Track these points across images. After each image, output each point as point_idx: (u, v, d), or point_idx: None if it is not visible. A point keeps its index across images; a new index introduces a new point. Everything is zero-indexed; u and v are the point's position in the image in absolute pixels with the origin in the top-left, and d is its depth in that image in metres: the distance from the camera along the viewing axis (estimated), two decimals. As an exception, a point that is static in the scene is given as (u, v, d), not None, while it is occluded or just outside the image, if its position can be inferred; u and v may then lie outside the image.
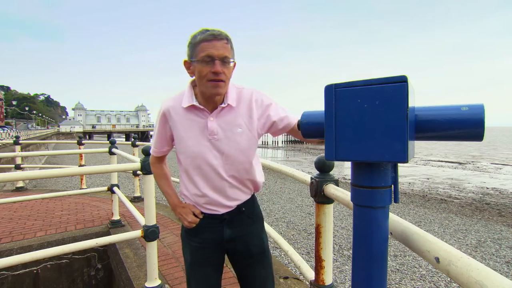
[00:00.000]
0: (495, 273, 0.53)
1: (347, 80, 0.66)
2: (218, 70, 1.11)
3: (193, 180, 1.26)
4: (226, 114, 1.20)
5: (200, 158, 1.21)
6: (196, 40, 1.13)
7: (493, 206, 9.50)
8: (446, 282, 4.02)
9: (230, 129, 1.20)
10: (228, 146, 1.20)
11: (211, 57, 1.11)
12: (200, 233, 1.30)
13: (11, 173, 2.28)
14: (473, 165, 21.29)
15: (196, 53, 1.14)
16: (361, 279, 0.69)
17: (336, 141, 0.66)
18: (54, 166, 8.47)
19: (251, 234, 1.33)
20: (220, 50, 1.11)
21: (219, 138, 1.20)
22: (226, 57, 1.13)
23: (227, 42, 1.14)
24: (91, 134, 79.91)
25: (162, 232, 3.58)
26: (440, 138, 0.62)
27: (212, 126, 1.19)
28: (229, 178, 1.24)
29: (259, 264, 1.34)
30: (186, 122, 1.22)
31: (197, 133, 1.21)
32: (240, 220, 1.31)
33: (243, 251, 1.32)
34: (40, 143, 23.03)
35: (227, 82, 1.16)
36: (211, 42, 1.11)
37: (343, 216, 6.91)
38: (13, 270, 2.99)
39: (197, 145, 1.21)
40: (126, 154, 3.10)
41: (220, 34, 1.12)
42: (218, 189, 1.25)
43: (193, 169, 1.24)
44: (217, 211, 1.27)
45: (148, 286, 2.23)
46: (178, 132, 1.24)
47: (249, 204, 1.34)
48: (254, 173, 1.30)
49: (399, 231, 0.78)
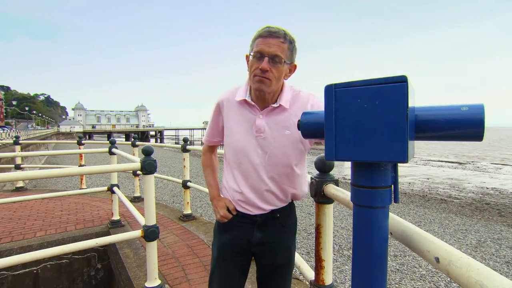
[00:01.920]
0: (495, 273, 0.53)
1: (347, 80, 0.66)
2: (265, 67, 1.09)
3: (233, 174, 1.26)
4: (276, 114, 1.19)
5: (243, 153, 1.21)
6: (255, 35, 1.14)
7: (493, 206, 9.50)
8: (446, 282, 4.02)
9: (277, 129, 1.19)
10: (272, 146, 1.19)
11: (261, 53, 1.10)
12: (230, 230, 1.29)
13: (11, 173, 2.27)
14: (473, 165, 21.28)
15: (252, 48, 1.14)
16: (361, 279, 0.69)
17: (336, 141, 0.66)
18: (54, 166, 8.47)
19: (281, 244, 1.29)
20: (272, 48, 1.09)
21: (265, 136, 1.19)
22: (277, 56, 1.10)
23: (284, 41, 1.11)
24: (91, 134, 79.87)
25: (162, 232, 3.58)
26: (440, 138, 0.62)
27: (260, 124, 1.19)
28: (268, 179, 1.22)
29: (281, 275, 1.32)
30: (237, 115, 1.23)
31: (244, 128, 1.21)
32: (273, 226, 1.27)
33: (269, 259, 1.29)
34: (40, 143, 23.02)
35: (274, 81, 1.13)
36: (265, 39, 1.10)
37: (343, 216, 6.91)
38: (13, 270, 2.99)
39: (242, 140, 1.21)
40: (126, 154, 3.10)
41: (277, 32, 1.10)
42: (255, 189, 1.23)
43: (234, 164, 1.24)
44: (250, 211, 1.26)
45: (148, 286, 2.23)
46: (227, 124, 1.25)
47: (286, 212, 1.29)
48: (295, 181, 1.26)
49: (399, 231, 0.78)
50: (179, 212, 4.39)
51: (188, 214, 4.11)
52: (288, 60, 1.14)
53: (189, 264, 2.78)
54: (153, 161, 2.22)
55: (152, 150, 2.31)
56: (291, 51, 1.15)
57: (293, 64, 1.19)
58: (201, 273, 2.60)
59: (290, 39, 1.13)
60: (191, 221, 4.03)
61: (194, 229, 3.72)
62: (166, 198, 7.98)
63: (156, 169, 2.29)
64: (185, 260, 2.85)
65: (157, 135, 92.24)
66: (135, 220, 3.09)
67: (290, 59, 1.15)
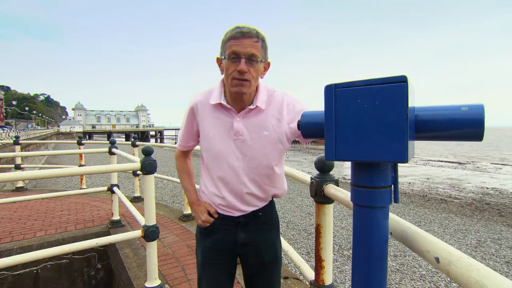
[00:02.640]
0: (495, 273, 0.53)
1: (347, 80, 0.66)
2: (243, 68, 1.07)
3: (213, 178, 1.24)
4: (253, 115, 1.17)
5: (223, 157, 1.19)
6: (226, 37, 1.11)
7: (493, 206, 9.50)
8: (446, 282, 4.02)
9: (256, 131, 1.17)
10: (252, 148, 1.17)
11: (237, 54, 1.07)
12: (213, 234, 1.27)
13: (11, 173, 2.27)
14: (473, 165, 21.28)
15: (224, 50, 1.11)
16: (361, 279, 0.69)
17: (336, 141, 0.66)
18: (54, 166, 8.47)
19: (265, 241, 1.29)
20: (247, 48, 1.07)
21: (244, 139, 1.17)
22: (253, 55, 1.08)
23: (257, 40, 1.09)
24: (91, 134, 79.87)
25: (162, 232, 3.58)
26: (440, 138, 0.62)
27: (237, 127, 1.16)
28: (249, 182, 1.20)
29: (269, 274, 1.31)
30: (213, 119, 1.20)
31: (222, 132, 1.19)
32: (256, 225, 1.27)
33: (255, 258, 1.29)
34: (40, 143, 23.02)
35: (253, 82, 1.12)
36: (238, 40, 1.08)
37: (343, 216, 6.91)
38: (13, 270, 2.99)
39: (221, 144, 1.19)
40: (126, 154, 3.10)
41: (249, 32, 1.08)
42: (236, 193, 1.22)
43: (213, 168, 1.22)
44: (232, 213, 1.25)
45: (148, 286, 2.23)
46: (204, 129, 1.22)
47: (267, 210, 1.30)
48: (276, 181, 1.26)
49: (399, 231, 0.78)
50: (179, 212, 4.39)
51: (188, 214, 4.11)
52: (263, 58, 1.13)
53: (189, 264, 2.78)
54: (153, 161, 2.23)
55: (152, 150, 2.31)
56: (264, 49, 1.14)
57: (267, 62, 1.18)
58: (201, 273, 2.60)
59: (262, 38, 1.12)
60: (191, 221, 4.03)
61: (194, 229, 3.72)
62: (166, 198, 7.98)
63: (156, 169, 2.29)
64: (185, 260, 2.85)
65: (157, 135, 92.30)
66: (135, 220, 3.09)
67: (264, 57, 1.14)
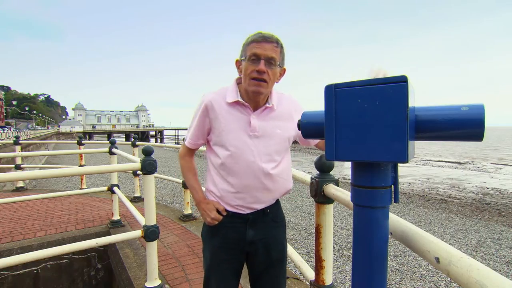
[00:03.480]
0: (495, 273, 0.53)
1: (347, 80, 0.65)
2: (262, 69, 1.15)
3: (226, 175, 1.26)
4: (268, 114, 1.26)
5: (238, 153, 1.24)
6: (247, 40, 1.20)
7: (493, 206, 9.50)
8: (446, 282, 4.02)
9: (270, 129, 1.25)
10: (267, 145, 1.24)
11: (257, 56, 1.16)
12: (222, 232, 1.29)
13: (11, 173, 2.27)
14: (473, 165, 21.27)
15: (245, 53, 1.19)
16: (361, 279, 0.69)
17: (336, 141, 0.66)
18: (54, 166, 8.47)
19: (273, 238, 1.33)
20: (267, 51, 1.16)
21: (259, 135, 1.24)
22: (272, 58, 1.16)
23: (277, 46, 1.18)
24: (91, 134, 79.83)
25: (162, 232, 3.58)
26: (440, 138, 0.62)
27: (254, 123, 1.23)
28: (264, 177, 1.25)
29: (275, 273, 1.33)
30: (229, 116, 1.25)
31: (238, 128, 1.24)
32: (264, 222, 1.30)
33: (262, 256, 1.30)
34: (40, 143, 23.03)
35: (270, 83, 1.19)
36: (260, 43, 1.16)
37: (343, 216, 6.91)
38: (13, 270, 2.99)
39: (237, 140, 1.24)
40: (126, 154, 3.10)
41: (270, 37, 1.17)
42: (250, 188, 1.25)
43: (228, 164, 1.25)
44: (243, 211, 1.27)
45: (148, 286, 2.23)
46: (219, 126, 1.25)
47: (274, 207, 1.34)
48: (285, 175, 1.32)
49: (399, 231, 0.78)
50: (179, 212, 4.39)
51: (188, 214, 4.12)
52: (281, 63, 1.22)
53: (189, 264, 2.78)
54: (153, 161, 2.23)
55: (152, 150, 2.31)
56: (282, 56, 1.23)
57: (283, 68, 1.26)
58: (201, 273, 2.60)
59: (281, 44, 1.21)
60: (191, 221, 4.03)
61: (194, 229, 3.72)
62: (166, 198, 7.98)
63: (156, 169, 2.29)
64: (185, 260, 2.85)
65: (157, 135, 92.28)
66: (135, 220, 3.09)
67: (282, 63, 1.23)
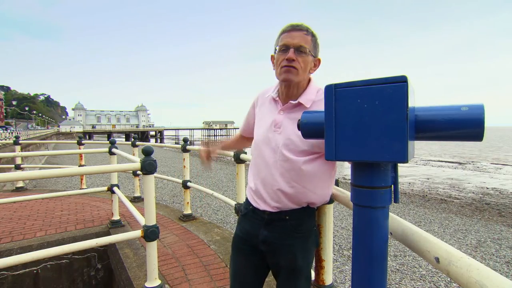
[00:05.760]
0: (495, 273, 0.53)
1: (347, 80, 0.66)
2: (291, 56, 1.13)
3: (252, 167, 1.31)
4: (295, 111, 1.19)
5: (260, 148, 1.25)
6: (279, 33, 1.19)
7: (493, 206, 9.49)
8: (446, 282, 4.02)
9: (294, 127, 1.16)
10: (286, 143, 1.18)
11: (286, 45, 1.14)
12: (244, 223, 1.33)
13: (11, 173, 2.27)
14: (473, 165, 21.26)
15: (277, 44, 1.19)
16: (361, 279, 0.69)
17: (336, 141, 0.66)
18: (54, 166, 8.46)
19: (285, 247, 1.22)
20: (296, 39, 1.13)
21: (281, 132, 1.20)
22: (302, 46, 1.13)
23: (307, 33, 1.15)
24: (91, 134, 79.81)
25: (162, 232, 3.58)
26: (440, 138, 0.62)
27: (278, 119, 1.21)
28: (279, 176, 1.19)
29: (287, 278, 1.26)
30: (264, 111, 1.28)
31: (267, 123, 1.25)
32: (281, 227, 1.22)
33: (272, 258, 1.26)
34: (40, 143, 23.02)
35: (300, 71, 1.15)
36: (289, 33, 1.15)
37: (343, 216, 6.91)
38: (13, 270, 2.99)
39: (262, 135, 1.25)
40: (126, 154, 3.10)
41: (299, 25, 1.15)
42: (266, 184, 1.23)
43: (254, 157, 1.30)
44: (259, 205, 1.26)
45: (148, 286, 2.23)
46: (256, 119, 1.33)
47: (297, 216, 1.22)
48: (305, 182, 1.17)
49: (399, 231, 0.78)
50: (179, 212, 4.39)
51: (188, 214, 4.11)
52: (313, 52, 1.17)
53: (189, 264, 2.78)
54: (153, 161, 2.22)
55: (152, 150, 2.31)
56: (314, 44, 1.18)
57: (317, 58, 1.22)
58: (201, 273, 2.60)
59: (312, 33, 1.17)
60: (191, 221, 4.03)
61: (194, 229, 3.72)
62: (166, 198, 7.97)
63: (156, 169, 2.29)
64: (185, 260, 2.85)
65: (157, 135, 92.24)
66: (135, 220, 3.09)
67: (314, 51, 1.18)
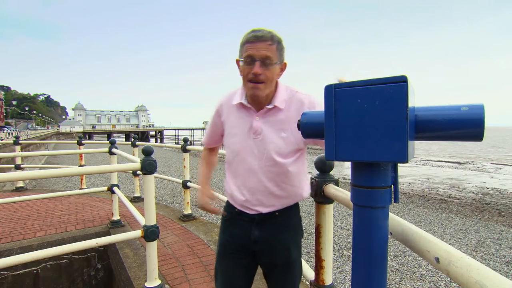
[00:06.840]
0: (495, 273, 0.53)
1: (347, 80, 0.66)
2: (257, 71, 1.11)
3: (233, 175, 1.28)
4: (272, 115, 1.20)
5: (242, 155, 1.23)
6: (242, 40, 1.16)
7: (493, 206, 9.49)
8: (446, 282, 4.02)
9: (274, 131, 1.19)
10: (270, 148, 1.19)
11: (252, 58, 1.12)
12: (231, 227, 1.31)
13: (11, 173, 2.27)
14: (473, 165, 21.27)
15: (241, 53, 1.16)
16: (361, 279, 0.69)
17: (336, 141, 0.66)
18: (54, 166, 8.46)
19: (278, 242, 1.27)
20: (261, 51, 1.11)
21: (262, 138, 1.20)
22: (268, 58, 1.11)
23: (272, 43, 1.12)
24: (91, 134, 79.77)
25: (162, 232, 3.58)
26: (440, 138, 0.62)
27: (256, 126, 1.20)
28: (267, 180, 1.21)
29: (282, 275, 1.30)
30: (236, 119, 1.25)
31: (242, 131, 1.23)
32: (272, 224, 1.26)
33: (267, 257, 1.28)
34: (40, 143, 23.02)
35: (268, 83, 1.15)
36: (253, 44, 1.12)
37: (343, 216, 6.91)
38: (13, 270, 2.99)
39: (241, 143, 1.23)
40: (126, 154, 3.10)
41: (263, 36, 1.11)
42: (254, 191, 1.23)
43: (234, 165, 1.27)
44: (248, 211, 1.26)
45: (148, 286, 2.23)
46: (227, 128, 1.29)
47: (286, 212, 1.28)
48: (294, 182, 1.25)
49: (399, 231, 0.78)
50: (179, 212, 4.39)
51: (188, 214, 4.11)
52: (278, 60, 1.15)
53: (189, 264, 2.78)
54: (153, 161, 2.22)
55: (152, 150, 2.31)
56: (280, 51, 1.16)
57: (283, 63, 1.20)
58: (201, 273, 2.60)
59: (277, 40, 1.14)
60: (191, 221, 4.03)
61: (194, 229, 3.72)
62: (166, 198, 7.97)
63: (156, 169, 2.29)
64: (185, 260, 2.85)
65: (157, 135, 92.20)
66: (135, 220, 3.09)
67: (280, 59, 1.17)
